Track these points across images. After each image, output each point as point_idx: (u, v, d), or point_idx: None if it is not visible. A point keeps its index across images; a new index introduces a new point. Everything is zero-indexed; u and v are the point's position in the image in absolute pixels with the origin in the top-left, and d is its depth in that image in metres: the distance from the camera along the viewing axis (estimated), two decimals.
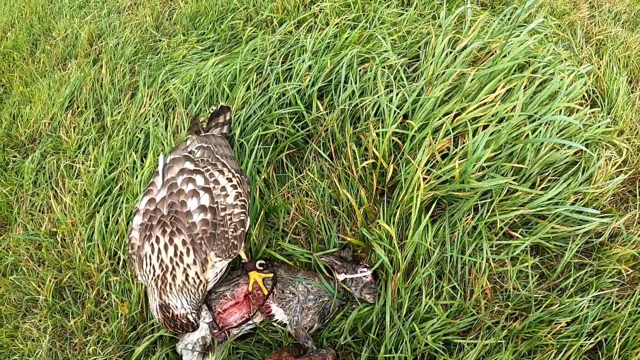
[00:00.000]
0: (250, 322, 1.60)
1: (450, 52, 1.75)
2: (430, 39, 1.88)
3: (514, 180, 1.61)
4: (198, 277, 1.31)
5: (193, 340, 1.68)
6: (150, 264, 1.31)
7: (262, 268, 1.61)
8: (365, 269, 1.59)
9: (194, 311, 1.32)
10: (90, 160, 2.28)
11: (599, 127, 1.75)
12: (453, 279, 1.55)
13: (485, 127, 1.60)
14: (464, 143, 1.59)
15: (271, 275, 1.59)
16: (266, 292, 1.56)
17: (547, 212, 1.62)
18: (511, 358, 1.43)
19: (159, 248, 1.31)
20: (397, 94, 1.65)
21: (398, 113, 1.62)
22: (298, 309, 1.55)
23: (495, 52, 1.76)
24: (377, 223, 1.57)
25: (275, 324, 1.58)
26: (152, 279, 1.31)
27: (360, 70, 1.79)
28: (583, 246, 1.67)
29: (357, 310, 1.50)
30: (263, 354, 1.62)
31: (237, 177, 1.46)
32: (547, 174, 1.68)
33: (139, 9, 2.76)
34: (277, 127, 1.80)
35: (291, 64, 1.94)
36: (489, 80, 1.63)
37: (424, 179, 1.54)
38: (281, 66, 1.94)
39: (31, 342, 1.97)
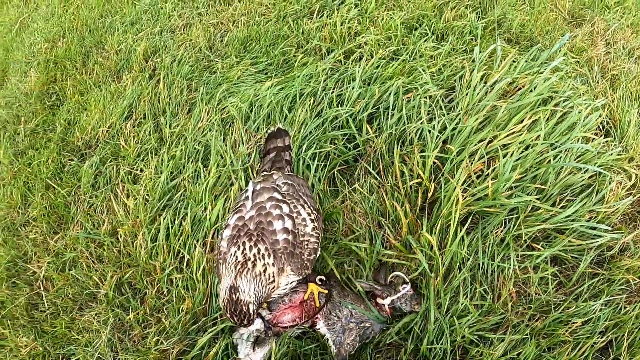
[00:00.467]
0: (300, 326, 1.87)
1: (483, 86, 2.12)
2: (464, 72, 2.25)
3: (537, 199, 1.97)
4: (273, 276, 1.51)
5: (249, 331, 1.97)
6: (235, 256, 1.53)
7: (320, 283, 1.90)
8: (405, 285, 1.88)
9: (256, 304, 1.45)
10: (151, 168, 2.61)
11: (611, 154, 2.11)
12: (484, 283, 1.90)
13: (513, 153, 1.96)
14: (495, 166, 1.95)
15: (326, 291, 1.88)
16: (318, 305, 1.84)
17: (564, 227, 1.97)
18: (534, 351, 1.77)
19: (244, 248, 1.55)
20: (438, 122, 2.02)
21: (439, 138, 1.98)
22: (340, 330, 1.81)
23: (523, 86, 2.13)
24: (420, 234, 1.92)
25: (316, 332, 1.87)
26: (233, 264, 1.50)
27: (404, 99, 2.16)
28: (596, 258, 2.02)
29: (408, 317, 1.82)
30: (315, 350, 1.88)
31: (315, 214, 1.74)
32: (565, 194, 2.04)
33: (192, 29, 3.14)
34: (331, 147, 2.16)
35: (341, 91, 2.30)
36: (517, 112, 1.99)
37: (459, 197, 1.89)
38: (332, 92, 2.31)
39: (89, 334, 2.21)
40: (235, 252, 1.55)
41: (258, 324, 1.95)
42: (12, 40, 3.97)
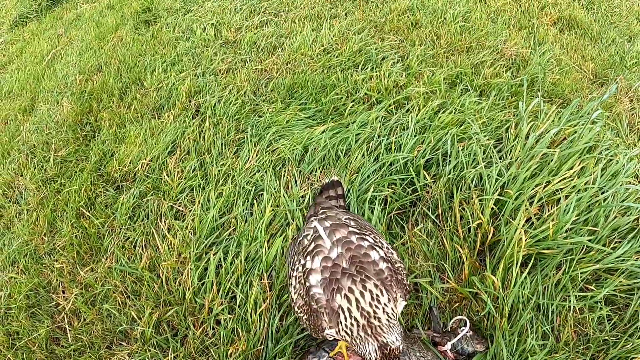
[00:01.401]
0: None
1: (532, 136, 2.39)
2: (510, 124, 2.53)
3: (589, 241, 2.16)
4: (393, 312, 1.56)
5: None
6: (352, 316, 1.52)
7: None
8: (463, 328, 1.97)
9: (403, 343, 1.54)
10: (197, 204, 2.65)
11: None
12: (547, 323, 2.02)
13: (566, 197, 2.18)
14: (550, 209, 2.15)
15: None
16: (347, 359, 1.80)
17: (615, 268, 2.14)
18: None
19: (355, 298, 1.53)
20: (495, 168, 2.24)
21: (498, 183, 2.19)
22: None
23: (567, 137, 2.41)
24: (484, 275, 2.05)
25: None
26: (357, 329, 1.51)
27: (459, 147, 2.39)
28: None
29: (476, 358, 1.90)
30: None
31: (389, 245, 1.82)
32: (613, 237, 2.24)
33: (235, 74, 3.37)
34: (389, 191, 2.32)
35: (396, 138, 2.52)
36: (568, 158, 2.24)
37: (521, 238, 2.07)
38: (387, 139, 2.52)
39: None
40: (348, 308, 1.54)
41: None
42: (43, 71, 4.10)
